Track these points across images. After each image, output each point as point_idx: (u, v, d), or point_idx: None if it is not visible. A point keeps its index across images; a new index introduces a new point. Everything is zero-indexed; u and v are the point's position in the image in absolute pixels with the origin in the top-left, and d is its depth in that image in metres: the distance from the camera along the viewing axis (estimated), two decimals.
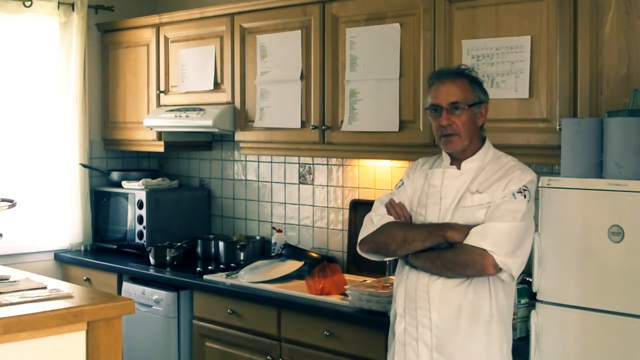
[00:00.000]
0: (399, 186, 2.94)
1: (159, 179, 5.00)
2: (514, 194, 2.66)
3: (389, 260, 3.40)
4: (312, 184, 4.48)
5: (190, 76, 4.58)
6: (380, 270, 3.77)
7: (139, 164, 5.44)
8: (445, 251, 2.68)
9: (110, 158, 5.32)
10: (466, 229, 2.66)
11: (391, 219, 2.83)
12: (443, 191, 2.76)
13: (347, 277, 3.89)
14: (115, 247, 4.92)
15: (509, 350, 2.75)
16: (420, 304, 2.72)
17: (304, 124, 4.00)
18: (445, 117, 2.73)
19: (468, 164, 2.77)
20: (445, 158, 2.83)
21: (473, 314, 2.67)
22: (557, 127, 3.04)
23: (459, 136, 2.73)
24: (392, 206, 2.86)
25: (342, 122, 3.83)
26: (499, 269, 2.61)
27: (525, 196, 2.66)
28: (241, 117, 4.30)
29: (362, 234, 2.88)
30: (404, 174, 2.97)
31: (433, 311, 2.69)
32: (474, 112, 2.75)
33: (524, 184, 2.68)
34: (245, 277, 4.01)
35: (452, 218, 2.72)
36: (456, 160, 2.80)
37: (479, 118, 2.77)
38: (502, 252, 2.60)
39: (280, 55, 4.10)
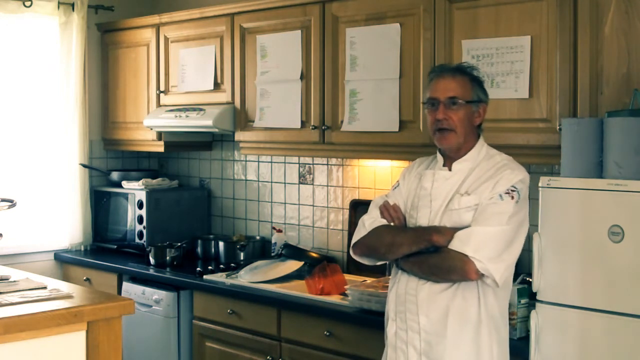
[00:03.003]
0: (395, 187, 2.92)
1: (159, 179, 5.00)
2: (501, 196, 2.62)
3: (378, 265, 3.38)
4: (312, 184, 4.48)
5: (190, 76, 4.58)
6: (380, 270, 3.77)
7: (139, 164, 5.44)
8: (431, 256, 2.66)
9: (110, 158, 5.33)
10: (452, 232, 2.64)
11: (383, 222, 2.81)
12: (433, 193, 2.74)
13: (347, 277, 3.89)
14: (115, 247, 4.92)
15: (501, 354, 2.71)
16: (409, 308, 2.72)
17: (304, 124, 4.00)
18: (442, 110, 2.70)
19: (459, 165, 2.75)
20: (439, 159, 2.81)
21: (461, 318, 2.65)
22: (557, 127, 3.04)
23: (454, 132, 2.71)
24: (385, 208, 2.84)
25: (342, 122, 3.83)
26: (481, 275, 2.59)
27: (513, 197, 2.62)
28: (241, 117, 4.30)
29: (355, 237, 2.87)
30: (400, 175, 2.96)
31: (421, 315, 2.69)
32: (471, 110, 2.73)
33: (512, 184, 2.64)
34: (245, 277, 4.01)
35: (441, 221, 2.70)
36: (449, 160, 2.77)
37: (476, 117, 2.75)
38: (485, 258, 2.57)
39: (280, 55, 4.10)
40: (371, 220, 2.84)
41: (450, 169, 2.76)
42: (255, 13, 4.23)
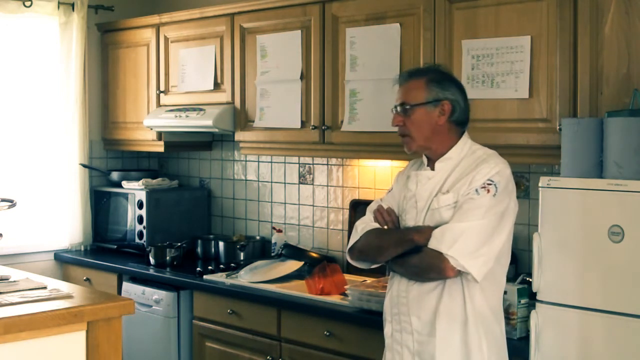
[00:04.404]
0: (389, 191, 2.94)
1: (159, 179, 5.00)
2: (477, 190, 2.61)
3: (377, 266, 3.39)
4: (312, 184, 4.48)
5: (190, 76, 4.58)
6: (380, 270, 3.76)
7: (139, 164, 5.44)
8: (412, 256, 2.67)
9: (110, 158, 5.33)
10: (431, 230, 2.64)
11: (375, 225, 2.83)
12: (418, 194, 2.75)
13: (347, 277, 3.89)
14: (115, 247, 4.92)
15: (492, 351, 2.69)
16: (401, 310, 2.73)
17: (304, 124, 4.00)
18: (395, 118, 2.75)
19: (441, 164, 2.75)
20: (424, 160, 2.82)
21: (449, 317, 2.65)
22: (557, 127, 3.04)
23: (410, 137, 2.73)
24: (379, 212, 2.85)
25: (342, 122, 3.83)
26: (458, 271, 2.59)
27: (489, 191, 2.60)
28: (241, 117, 4.31)
29: (350, 243, 2.90)
30: (394, 178, 2.97)
31: (412, 316, 2.70)
32: (426, 111, 2.71)
33: (488, 177, 2.62)
34: (245, 277, 4.01)
35: (424, 221, 2.70)
36: (432, 160, 2.78)
37: (438, 116, 2.72)
38: (460, 254, 2.56)
39: (280, 55, 4.10)
40: (363, 225, 2.86)
41: (433, 169, 2.77)
42: (255, 13, 4.23)
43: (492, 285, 2.69)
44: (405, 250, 2.69)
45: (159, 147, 4.87)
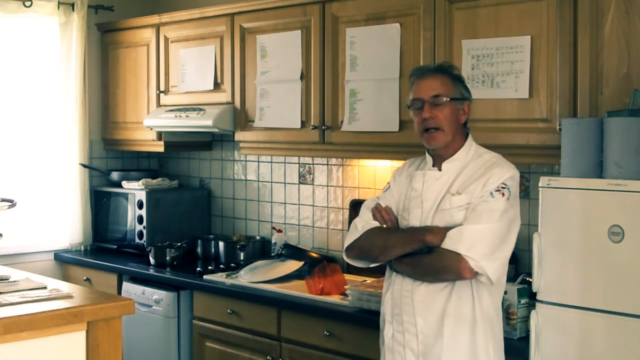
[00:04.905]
0: (386, 189, 2.92)
1: (159, 179, 5.00)
2: (491, 193, 2.61)
3: (376, 266, 3.39)
4: (312, 184, 4.48)
5: (190, 76, 4.58)
6: (380, 270, 3.75)
7: (139, 164, 5.44)
8: (425, 256, 2.66)
9: (110, 158, 5.33)
10: (444, 231, 2.63)
11: (375, 224, 2.81)
12: (424, 194, 2.74)
13: (347, 277, 3.89)
14: (115, 247, 4.92)
15: (496, 352, 2.71)
16: (405, 310, 2.72)
17: (304, 124, 4.00)
18: (428, 109, 2.70)
19: (449, 165, 2.74)
20: (428, 160, 2.80)
21: (456, 318, 2.65)
22: (557, 127, 3.04)
23: (441, 131, 2.70)
24: (377, 211, 2.84)
25: (342, 122, 3.83)
26: (475, 273, 2.58)
27: (503, 194, 2.61)
28: (241, 117, 4.31)
29: (347, 240, 2.87)
30: (391, 177, 2.96)
31: (418, 317, 2.69)
32: (456, 107, 2.72)
33: (502, 181, 2.63)
34: (245, 277, 4.01)
35: (433, 221, 2.69)
36: (438, 160, 2.77)
37: (461, 115, 2.74)
38: (478, 256, 2.56)
39: (280, 55, 4.10)
40: (363, 223, 2.84)
41: (439, 169, 2.76)
42: (255, 13, 4.23)
43: (497, 286, 2.70)
44: (411, 251, 2.69)
45: (159, 147, 4.87)
